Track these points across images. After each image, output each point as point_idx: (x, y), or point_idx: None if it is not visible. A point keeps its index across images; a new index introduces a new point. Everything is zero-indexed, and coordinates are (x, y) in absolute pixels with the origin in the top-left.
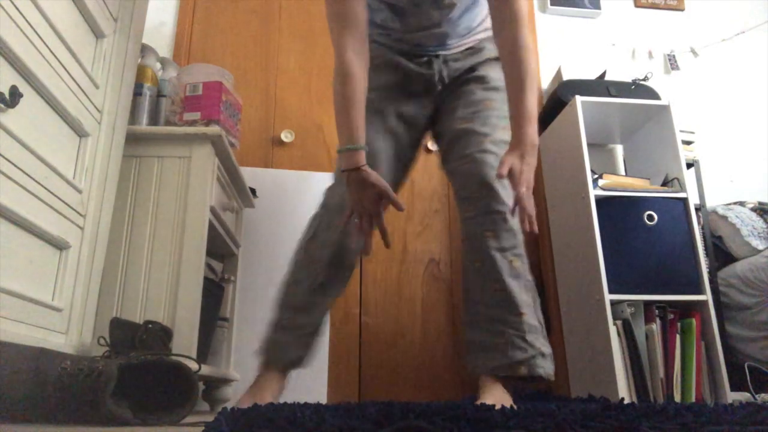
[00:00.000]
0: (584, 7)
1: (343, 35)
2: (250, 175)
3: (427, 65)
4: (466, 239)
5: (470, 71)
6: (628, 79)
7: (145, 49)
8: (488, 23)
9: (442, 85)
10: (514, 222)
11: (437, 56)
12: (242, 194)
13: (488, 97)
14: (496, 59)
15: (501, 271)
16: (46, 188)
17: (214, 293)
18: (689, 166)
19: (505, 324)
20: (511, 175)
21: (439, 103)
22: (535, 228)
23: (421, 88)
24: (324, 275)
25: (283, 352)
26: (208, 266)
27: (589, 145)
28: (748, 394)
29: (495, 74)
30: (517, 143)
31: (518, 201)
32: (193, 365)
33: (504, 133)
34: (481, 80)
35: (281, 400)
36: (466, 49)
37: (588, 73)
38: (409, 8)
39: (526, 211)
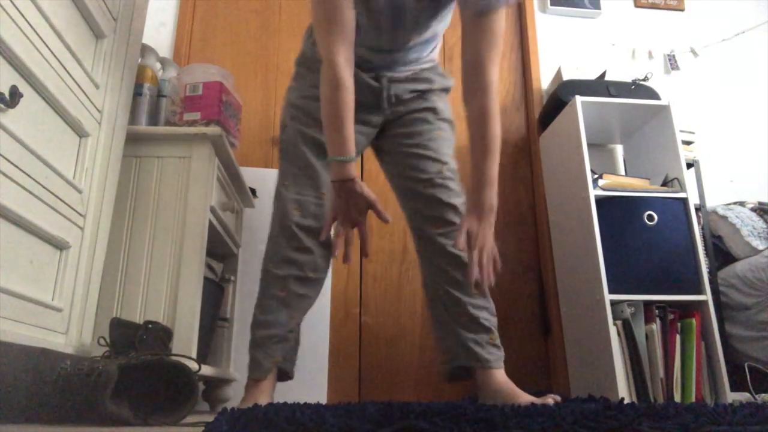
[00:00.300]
0: (584, 7)
1: (334, 41)
2: (250, 175)
3: (375, 79)
4: (435, 251)
5: (421, 100)
6: (628, 79)
7: (145, 49)
8: (434, 55)
9: (389, 104)
10: None
11: (383, 75)
12: (242, 194)
13: (440, 127)
14: (442, 90)
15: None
16: (46, 188)
17: (214, 293)
18: (689, 166)
19: (489, 322)
20: (469, 238)
21: (388, 122)
22: (492, 281)
23: (370, 100)
24: (286, 291)
25: (259, 363)
26: (208, 266)
27: (589, 145)
28: (748, 394)
29: (444, 106)
30: (474, 206)
31: (476, 263)
32: (193, 365)
33: (454, 162)
34: (434, 111)
35: (282, 401)
36: (410, 75)
37: (588, 73)
38: (367, 28)
39: (483, 272)
